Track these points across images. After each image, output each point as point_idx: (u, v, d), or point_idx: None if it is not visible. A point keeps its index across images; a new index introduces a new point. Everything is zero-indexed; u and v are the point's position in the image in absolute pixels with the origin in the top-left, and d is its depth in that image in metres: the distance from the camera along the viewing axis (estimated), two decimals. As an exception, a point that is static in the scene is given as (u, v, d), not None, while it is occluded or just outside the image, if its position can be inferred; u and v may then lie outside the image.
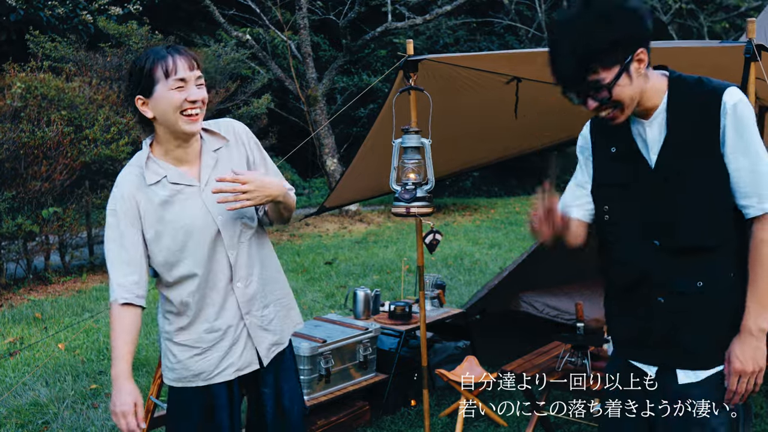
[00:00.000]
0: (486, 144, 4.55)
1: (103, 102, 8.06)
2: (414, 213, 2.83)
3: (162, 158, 2.08)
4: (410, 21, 11.97)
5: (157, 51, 2.00)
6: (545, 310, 4.79)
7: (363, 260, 8.63)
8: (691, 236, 1.81)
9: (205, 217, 2.05)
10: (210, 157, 2.11)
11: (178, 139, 2.05)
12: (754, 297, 1.79)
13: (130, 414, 1.94)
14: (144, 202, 2.04)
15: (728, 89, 1.78)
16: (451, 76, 3.35)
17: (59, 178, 7.35)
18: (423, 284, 3.37)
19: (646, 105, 1.83)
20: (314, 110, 11.92)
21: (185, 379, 2.14)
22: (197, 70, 2.02)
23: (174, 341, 2.14)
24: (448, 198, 15.65)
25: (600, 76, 1.71)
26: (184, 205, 2.05)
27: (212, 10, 11.73)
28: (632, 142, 1.89)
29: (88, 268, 8.26)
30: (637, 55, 1.73)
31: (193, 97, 1.99)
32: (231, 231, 2.09)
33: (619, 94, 1.74)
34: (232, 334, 2.13)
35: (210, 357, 2.12)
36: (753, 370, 1.79)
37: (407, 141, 2.85)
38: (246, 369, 2.17)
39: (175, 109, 1.98)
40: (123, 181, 2.07)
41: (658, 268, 1.86)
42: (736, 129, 1.76)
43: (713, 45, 2.66)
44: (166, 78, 1.97)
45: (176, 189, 2.06)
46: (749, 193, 1.78)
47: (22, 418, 3.95)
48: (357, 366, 3.74)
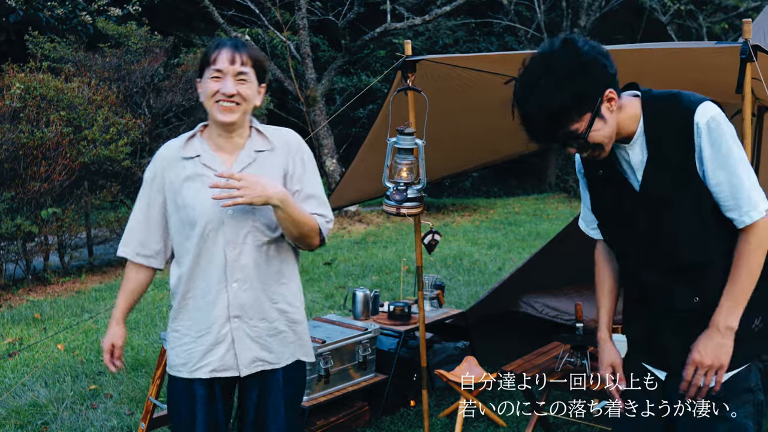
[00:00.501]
0: (485, 145, 4.55)
1: (102, 102, 8.06)
2: (404, 213, 2.83)
3: (206, 140, 2.16)
4: (409, 21, 11.98)
5: (219, 40, 2.13)
6: (545, 311, 4.80)
7: (362, 261, 8.63)
8: (684, 255, 1.85)
9: (216, 206, 2.05)
10: (248, 155, 2.13)
11: (218, 127, 2.12)
12: (729, 295, 1.81)
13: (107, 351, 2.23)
14: (171, 174, 2.13)
15: (699, 107, 1.78)
16: (450, 77, 3.36)
17: (58, 179, 7.35)
18: (422, 285, 3.38)
19: (625, 133, 1.85)
20: (313, 111, 11.92)
21: (174, 367, 2.18)
22: (240, 66, 2.05)
23: (172, 326, 2.20)
24: (447, 198, 15.65)
25: (573, 127, 1.74)
26: (203, 188, 2.08)
27: (211, 11, 11.73)
28: (617, 165, 1.92)
29: (87, 269, 8.26)
30: (605, 96, 1.75)
31: (225, 89, 2.03)
32: (236, 228, 2.07)
33: (595, 138, 1.77)
34: (216, 333, 2.11)
35: (194, 349, 2.12)
36: (711, 364, 1.80)
37: (401, 142, 2.85)
38: (223, 372, 2.12)
39: (209, 97, 2.06)
40: (162, 150, 2.19)
41: (656, 287, 1.91)
42: (712, 146, 1.77)
43: (709, 46, 2.67)
44: (209, 65, 2.07)
45: (203, 171, 2.11)
46: (731, 207, 1.80)
47: (22, 419, 3.96)
48: (356, 366, 3.74)
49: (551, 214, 12.94)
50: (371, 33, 12.08)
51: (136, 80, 8.77)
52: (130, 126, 8.13)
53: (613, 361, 2.08)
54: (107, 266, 8.55)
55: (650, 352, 1.99)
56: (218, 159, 2.11)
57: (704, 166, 1.79)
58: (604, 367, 2.09)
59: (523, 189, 17.23)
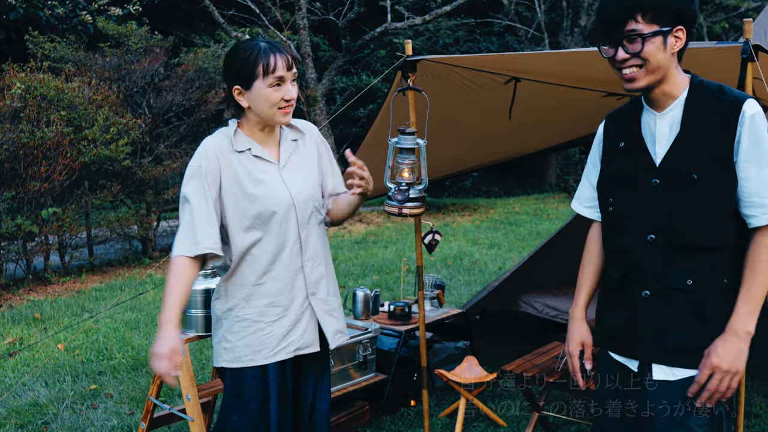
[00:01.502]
0: (485, 144, 4.55)
1: (102, 102, 8.06)
2: (406, 213, 2.83)
3: (249, 135, 2.22)
4: (409, 21, 11.97)
5: (260, 46, 2.11)
6: (545, 311, 4.80)
7: (362, 260, 8.63)
8: (688, 234, 1.84)
9: (283, 193, 2.17)
10: (289, 144, 2.28)
11: (266, 126, 2.21)
12: (745, 299, 1.80)
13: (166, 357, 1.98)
14: (226, 166, 2.16)
15: (749, 100, 1.82)
16: (450, 77, 3.35)
17: (59, 179, 7.35)
18: (422, 284, 3.37)
19: (665, 90, 1.86)
20: (314, 110, 11.92)
21: (245, 358, 2.16)
22: (294, 69, 2.16)
23: (236, 316, 2.18)
24: (447, 198, 15.66)
25: (639, 26, 1.78)
26: (264, 179, 2.17)
27: (212, 11, 11.73)
28: (640, 136, 1.93)
29: (87, 269, 8.26)
30: (676, 30, 1.80)
31: (289, 95, 2.14)
32: (304, 210, 2.22)
33: (649, 52, 1.79)
34: (296, 312, 2.20)
35: (272, 332, 2.17)
36: (728, 369, 1.79)
37: (402, 142, 2.85)
38: (306, 349, 2.22)
39: (272, 105, 2.13)
40: (210, 143, 2.18)
41: (650, 262, 1.89)
42: (752, 139, 1.79)
43: (710, 45, 2.66)
44: (265, 75, 2.09)
45: (258, 162, 2.19)
46: (755, 203, 1.80)
47: (22, 419, 3.96)
48: (356, 366, 3.74)
49: (551, 214, 12.94)
50: (371, 33, 12.08)
51: (136, 80, 8.76)
52: (131, 126, 8.13)
53: (583, 339, 2.11)
54: (107, 266, 8.55)
55: (622, 341, 1.97)
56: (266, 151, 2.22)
57: (737, 157, 1.80)
58: (574, 344, 2.12)
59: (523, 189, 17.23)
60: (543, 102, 3.81)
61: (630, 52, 1.81)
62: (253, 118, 2.20)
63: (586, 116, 4.26)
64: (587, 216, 2.16)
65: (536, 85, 3.50)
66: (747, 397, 3.89)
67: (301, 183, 2.24)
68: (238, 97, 2.16)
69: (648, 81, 1.84)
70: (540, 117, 4.15)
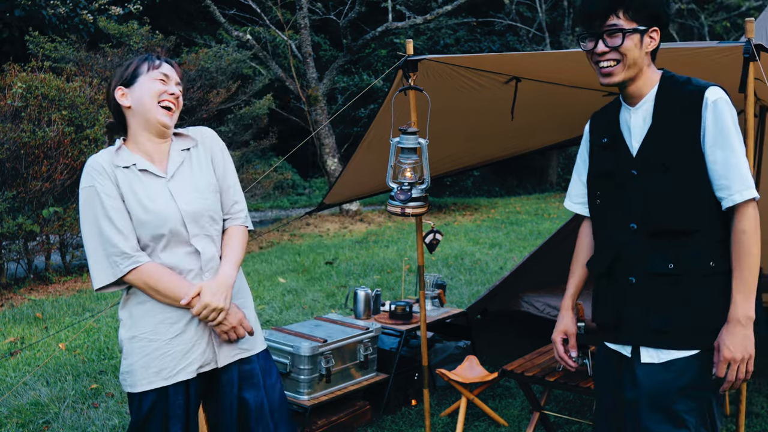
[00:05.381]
0: (486, 143, 4.55)
1: (103, 102, 8.06)
2: (409, 213, 2.84)
3: (133, 152, 2.15)
4: (410, 21, 11.97)
5: (146, 55, 2.18)
6: (546, 310, 4.80)
7: (363, 260, 8.63)
8: (664, 220, 1.93)
9: (170, 206, 2.09)
10: (178, 154, 2.19)
11: (150, 132, 2.14)
12: (739, 287, 1.87)
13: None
14: (120, 178, 2.09)
15: (711, 87, 1.90)
16: (451, 76, 3.35)
17: (60, 178, 7.36)
18: (423, 284, 3.37)
19: (638, 86, 1.97)
20: (315, 110, 11.92)
21: (144, 381, 2.06)
22: (179, 78, 2.19)
23: (134, 336, 2.07)
24: (448, 198, 15.65)
25: (620, 21, 1.89)
26: (151, 193, 2.09)
27: (213, 10, 11.73)
28: (619, 131, 2.04)
29: (88, 268, 8.26)
30: (652, 30, 1.92)
31: (172, 90, 2.13)
32: (197, 222, 2.12)
33: (628, 47, 1.90)
34: (195, 328, 2.10)
35: (171, 351, 2.06)
36: (743, 357, 1.85)
37: (404, 141, 2.85)
38: (206, 367, 2.12)
39: (154, 95, 2.10)
40: (95, 162, 2.10)
41: (633, 250, 1.98)
42: (715, 124, 1.88)
43: (712, 45, 2.66)
44: (149, 70, 2.12)
45: (144, 177, 2.11)
46: (723, 186, 1.88)
47: (23, 418, 3.96)
48: (358, 366, 3.74)
49: (552, 214, 12.94)
50: (372, 32, 12.08)
51: (137, 79, 8.77)
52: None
53: (566, 328, 2.23)
54: (109, 265, 8.55)
55: (613, 328, 2.05)
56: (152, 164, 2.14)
57: (705, 142, 1.89)
58: (557, 332, 2.23)
59: (524, 188, 17.23)
60: (544, 101, 3.81)
61: (609, 46, 1.91)
62: (136, 126, 2.12)
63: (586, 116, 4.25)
64: (578, 212, 2.25)
65: (537, 84, 3.49)
66: (748, 396, 3.89)
67: (192, 192, 2.13)
68: (121, 98, 2.11)
69: (624, 76, 1.93)
70: (541, 116, 4.15)
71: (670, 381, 1.91)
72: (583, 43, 1.97)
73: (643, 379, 1.95)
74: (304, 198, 15.80)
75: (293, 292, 7.02)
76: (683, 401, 1.91)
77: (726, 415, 3.69)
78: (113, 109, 2.16)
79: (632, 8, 1.88)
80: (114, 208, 2.05)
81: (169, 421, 2.07)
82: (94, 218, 2.06)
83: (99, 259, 2.07)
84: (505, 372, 3.40)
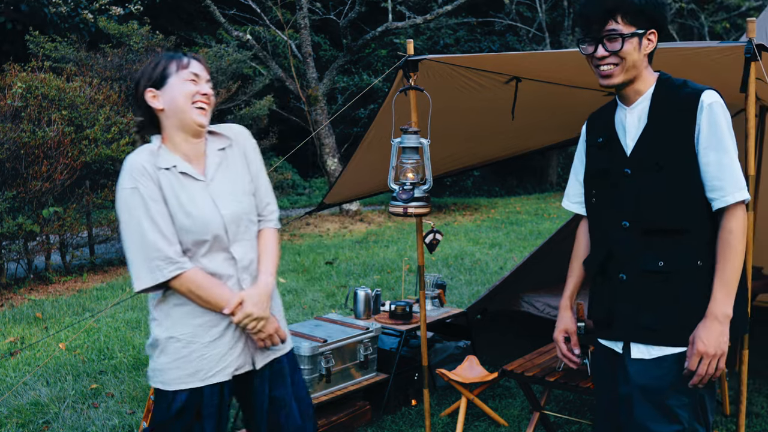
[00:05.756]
0: (486, 143, 4.55)
1: (103, 102, 8.07)
2: (411, 213, 2.83)
3: (171, 152, 2.12)
4: (410, 21, 11.97)
5: (171, 53, 2.15)
6: (546, 310, 4.79)
7: (363, 260, 8.63)
8: (655, 218, 1.95)
9: (212, 211, 2.09)
10: (215, 155, 2.17)
11: (186, 132, 2.11)
12: (720, 284, 1.89)
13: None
14: (162, 181, 2.07)
15: (706, 91, 1.93)
16: (451, 76, 3.35)
17: (60, 178, 7.36)
18: (423, 284, 3.37)
19: (635, 87, 2.00)
20: (315, 110, 11.92)
21: (178, 381, 2.07)
22: (208, 75, 2.15)
23: (171, 337, 2.08)
24: (448, 198, 15.66)
25: (619, 26, 1.91)
26: (193, 196, 2.08)
27: (213, 10, 11.73)
28: (614, 130, 2.07)
29: (88, 268, 8.26)
30: (650, 33, 1.94)
31: (204, 90, 2.10)
32: (236, 226, 2.12)
33: (627, 51, 1.92)
34: (232, 332, 2.12)
35: (209, 354, 2.08)
36: (715, 353, 1.88)
37: (406, 141, 2.85)
38: (241, 369, 2.15)
39: (187, 96, 2.07)
40: (136, 161, 2.07)
41: (624, 247, 2.01)
42: (710, 126, 1.90)
43: (713, 45, 2.66)
44: (178, 70, 2.09)
45: (184, 179, 2.09)
46: (715, 187, 1.91)
47: (23, 418, 3.96)
48: (358, 366, 3.74)
49: (552, 214, 12.94)
50: (373, 32, 12.07)
51: (137, 79, 8.78)
52: (132, 125, 8.12)
53: (567, 327, 2.25)
54: (108, 265, 8.55)
55: (605, 324, 2.08)
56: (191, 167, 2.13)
57: (699, 144, 1.91)
58: (557, 331, 2.26)
59: (524, 188, 17.24)
60: (544, 101, 3.81)
61: (609, 50, 1.94)
62: (171, 127, 2.11)
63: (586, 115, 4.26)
64: (575, 211, 2.27)
65: (537, 84, 3.49)
66: (748, 396, 3.89)
67: (231, 196, 2.13)
68: (152, 100, 2.08)
69: (623, 78, 1.96)
70: (541, 116, 4.15)
71: (662, 377, 1.94)
72: (583, 46, 2.00)
73: (634, 374, 1.98)
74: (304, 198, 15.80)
75: (293, 292, 7.02)
76: (676, 396, 1.93)
77: (726, 415, 3.69)
78: (143, 111, 2.12)
79: (630, 13, 1.90)
80: (158, 211, 2.03)
81: (204, 420, 2.10)
82: (137, 221, 2.03)
83: (141, 262, 2.04)
84: (505, 372, 3.40)
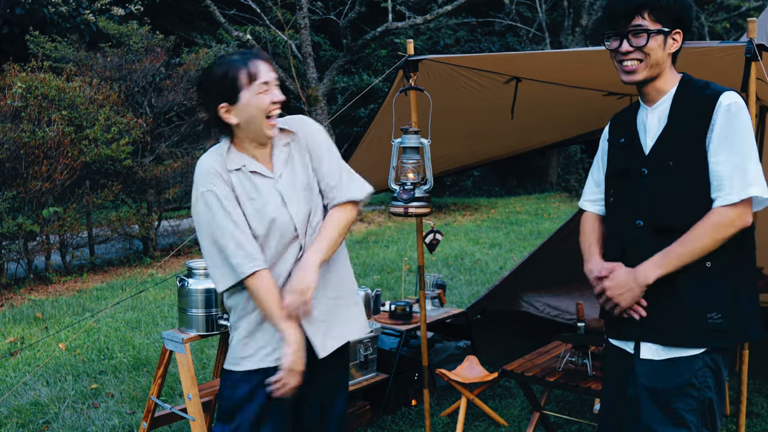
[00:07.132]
0: (486, 143, 4.56)
1: (103, 102, 8.07)
2: (412, 213, 2.83)
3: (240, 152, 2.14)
4: (410, 21, 11.97)
5: (235, 59, 2.06)
6: (546, 310, 4.79)
7: (364, 260, 8.63)
8: (666, 217, 1.95)
9: (281, 208, 2.12)
10: (281, 151, 2.18)
11: (258, 141, 2.12)
12: (665, 252, 1.90)
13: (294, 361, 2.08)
14: (234, 182, 2.10)
15: (726, 92, 1.92)
16: (452, 76, 3.35)
17: (60, 178, 7.36)
18: (423, 284, 3.37)
19: (657, 86, 2.00)
20: (315, 110, 11.92)
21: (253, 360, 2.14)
22: (275, 74, 2.10)
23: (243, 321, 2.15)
24: (448, 198, 15.65)
25: (645, 22, 1.92)
26: (263, 194, 2.11)
27: (213, 10, 11.73)
28: (635, 130, 2.06)
29: (88, 268, 8.26)
30: (675, 32, 1.95)
31: (277, 98, 2.07)
32: (304, 221, 2.15)
33: (652, 48, 1.93)
34: None
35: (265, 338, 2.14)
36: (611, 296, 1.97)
37: (406, 141, 2.85)
38: None
39: (263, 112, 2.05)
40: (208, 164, 2.10)
41: (638, 246, 2.00)
42: (725, 126, 1.89)
43: (714, 45, 2.66)
44: (250, 82, 2.03)
45: (255, 178, 2.12)
46: (720, 186, 1.89)
47: (23, 418, 3.96)
48: (358, 366, 3.74)
49: (552, 214, 12.94)
50: (373, 32, 12.07)
51: (137, 79, 8.76)
52: (132, 125, 8.14)
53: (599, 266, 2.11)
54: (108, 265, 8.55)
55: (616, 324, 2.07)
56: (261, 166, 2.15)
57: (710, 142, 1.90)
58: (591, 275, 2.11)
59: (524, 188, 17.23)
60: (544, 101, 3.81)
61: (634, 46, 1.93)
62: (243, 137, 2.11)
63: (586, 115, 4.26)
64: (588, 209, 2.26)
65: (537, 84, 3.49)
66: (748, 396, 3.89)
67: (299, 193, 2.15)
68: (225, 115, 2.06)
69: (645, 75, 1.96)
70: (541, 116, 4.15)
71: (670, 379, 1.93)
72: (608, 42, 2.00)
73: (642, 376, 1.97)
74: (304, 198, 15.78)
75: (293, 292, 7.01)
76: (683, 400, 1.92)
77: (726, 415, 3.68)
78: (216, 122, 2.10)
79: (657, 9, 1.91)
80: (234, 211, 2.07)
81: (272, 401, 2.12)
82: (216, 222, 2.06)
83: (221, 261, 2.08)
84: (505, 372, 3.40)
